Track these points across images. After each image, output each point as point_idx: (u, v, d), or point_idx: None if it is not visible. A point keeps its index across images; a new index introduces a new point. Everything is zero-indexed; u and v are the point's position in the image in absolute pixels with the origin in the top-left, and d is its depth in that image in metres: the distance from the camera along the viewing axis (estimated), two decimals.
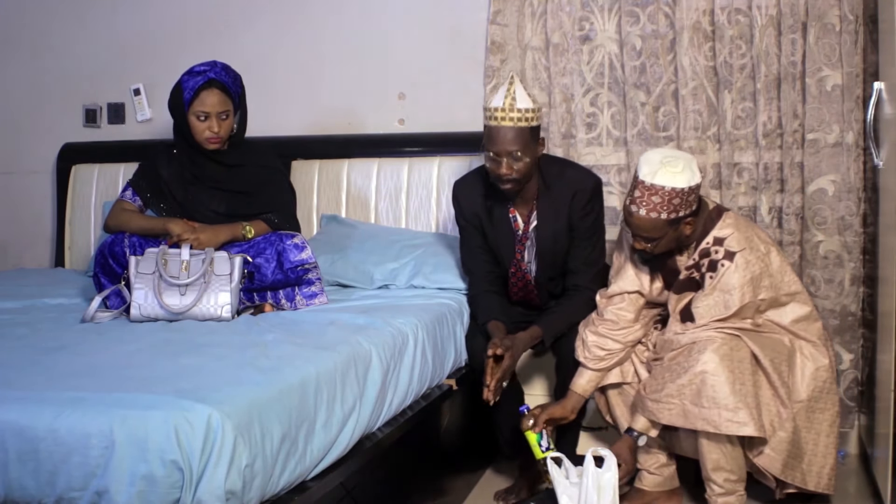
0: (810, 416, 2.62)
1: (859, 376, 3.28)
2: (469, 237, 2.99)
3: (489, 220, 2.93)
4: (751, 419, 2.45)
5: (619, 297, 2.76)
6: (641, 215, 2.56)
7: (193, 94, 2.92)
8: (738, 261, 2.60)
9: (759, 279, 2.61)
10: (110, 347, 2.26)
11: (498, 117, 2.72)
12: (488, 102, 2.77)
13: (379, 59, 3.73)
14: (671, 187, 2.52)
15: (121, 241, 2.83)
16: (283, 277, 2.83)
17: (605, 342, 2.73)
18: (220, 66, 2.98)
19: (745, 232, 2.65)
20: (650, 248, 2.63)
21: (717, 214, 2.68)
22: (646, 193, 2.55)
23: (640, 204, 2.56)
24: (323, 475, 2.05)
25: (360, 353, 2.31)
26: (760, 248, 2.65)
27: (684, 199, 2.54)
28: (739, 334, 2.55)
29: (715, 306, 2.59)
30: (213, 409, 1.72)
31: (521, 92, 2.74)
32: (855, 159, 3.20)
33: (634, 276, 2.75)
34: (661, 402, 2.54)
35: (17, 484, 1.74)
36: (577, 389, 2.76)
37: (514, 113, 2.71)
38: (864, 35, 3.18)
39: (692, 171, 2.57)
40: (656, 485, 2.78)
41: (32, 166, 4.14)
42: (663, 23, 3.36)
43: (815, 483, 2.62)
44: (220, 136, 2.97)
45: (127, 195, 3.07)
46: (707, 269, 2.63)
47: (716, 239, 2.64)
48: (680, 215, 2.57)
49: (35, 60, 4.12)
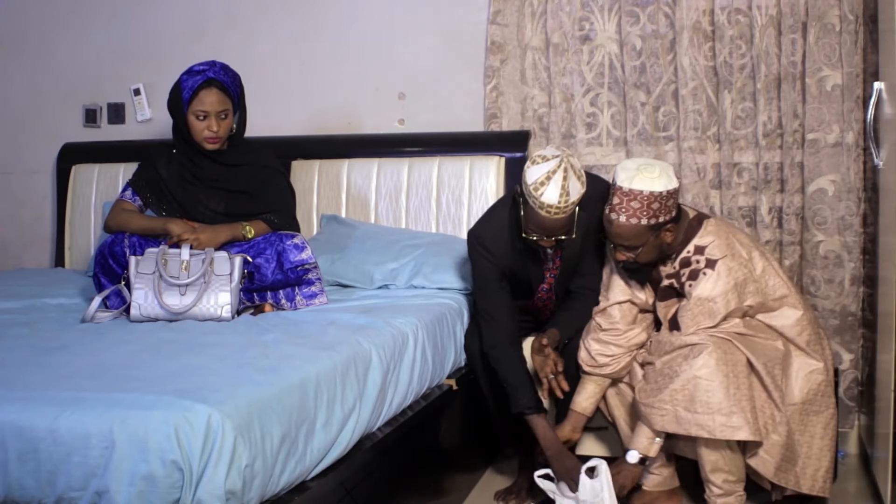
0: (804, 419, 2.62)
1: (859, 376, 3.28)
2: (489, 284, 2.80)
3: (521, 264, 2.81)
4: (745, 423, 2.45)
5: (612, 309, 2.75)
6: (622, 222, 2.54)
7: (192, 94, 2.92)
8: (720, 268, 2.58)
9: (743, 285, 2.60)
10: (110, 347, 2.26)
11: (552, 212, 2.54)
12: (538, 192, 2.52)
13: (379, 59, 3.73)
14: (649, 191, 2.51)
15: (121, 242, 2.83)
16: (282, 277, 2.83)
17: (608, 348, 2.73)
18: (220, 65, 2.98)
19: (727, 239, 2.63)
20: (633, 256, 2.60)
21: (698, 223, 2.67)
22: (624, 199, 2.53)
23: (620, 211, 2.54)
24: (323, 475, 2.05)
25: (360, 353, 2.31)
26: (742, 253, 2.63)
27: (663, 203, 2.53)
28: (732, 339, 2.54)
29: (700, 315, 2.58)
30: (213, 409, 1.73)
31: (574, 185, 2.53)
32: (855, 159, 3.21)
33: (624, 286, 2.75)
34: (654, 407, 2.53)
35: (17, 484, 1.74)
36: (577, 408, 2.76)
37: (568, 207, 2.55)
38: (864, 35, 3.18)
39: (669, 176, 2.56)
40: (656, 485, 2.78)
41: (32, 166, 4.14)
42: (663, 23, 3.36)
43: (810, 486, 2.60)
44: (219, 136, 2.96)
45: (126, 195, 3.06)
46: (687, 277, 2.62)
47: (696, 247, 2.63)
48: (660, 221, 2.55)
49: (35, 60, 4.12)
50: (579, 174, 2.57)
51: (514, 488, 2.96)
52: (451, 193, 3.52)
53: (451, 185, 3.52)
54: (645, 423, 2.58)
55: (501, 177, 3.47)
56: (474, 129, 3.61)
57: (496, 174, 3.47)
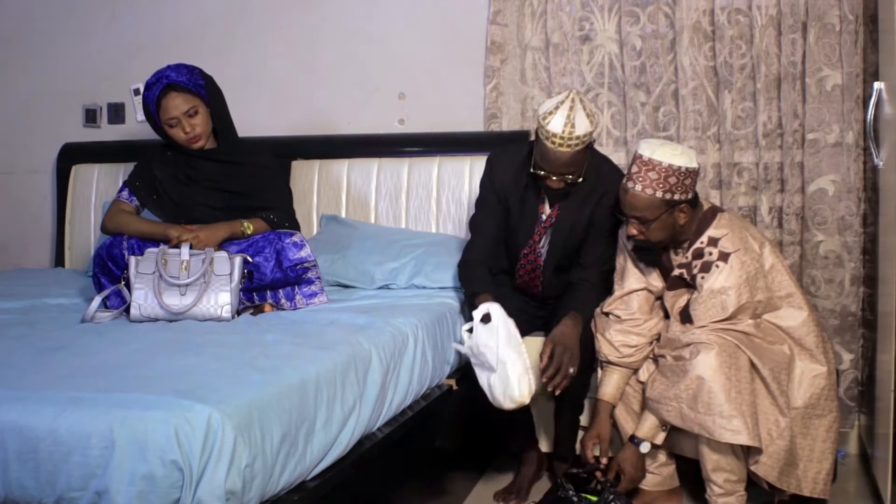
0: (807, 423, 2.62)
1: (859, 376, 3.28)
2: (487, 203, 2.93)
3: (518, 200, 2.88)
4: (745, 428, 2.45)
5: (629, 298, 2.77)
6: (637, 191, 2.58)
7: (157, 106, 2.93)
8: (733, 262, 2.60)
9: (754, 279, 2.61)
10: (110, 347, 2.25)
11: (556, 143, 2.63)
12: (545, 121, 2.63)
13: (379, 59, 3.73)
14: (668, 164, 2.55)
15: (119, 244, 2.82)
16: (282, 276, 2.83)
17: (630, 338, 2.74)
18: (172, 67, 2.96)
19: (740, 232, 2.66)
20: (643, 231, 2.62)
21: (712, 215, 2.69)
22: (643, 169, 2.57)
23: (637, 180, 2.58)
24: (323, 475, 2.05)
25: (360, 353, 2.31)
26: (755, 247, 2.65)
27: (680, 179, 2.56)
28: (738, 343, 2.54)
29: (712, 308, 2.59)
30: (213, 409, 1.72)
31: (581, 118, 2.62)
32: (855, 159, 3.21)
33: (639, 274, 2.77)
34: (661, 402, 2.56)
35: (17, 484, 1.74)
36: (606, 397, 2.76)
37: (572, 140, 2.62)
38: (864, 35, 3.18)
39: (690, 156, 2.60)
40: (656, 484, 2.78)
41: (32, 166, 4.14)
42: (663, 23, 3.37)
43: (811, 489, 2.61)
44: (198, 134, 2.96)
45: (123, 195, 3.06)
46: (700, 269, 2.63)
47: (710, 239, 2.65)
48: (675, 198, 2.57)
49: (35, 60, 4.12)
50: (589, 111, 2.66)
51: (513, 488, 2.96)
52: (451, 193, 3.52)
53: (451, 185, 3.52)
54: (653, 413, 2.60)
55: None
56: (474, 129, 3.61)
57: None
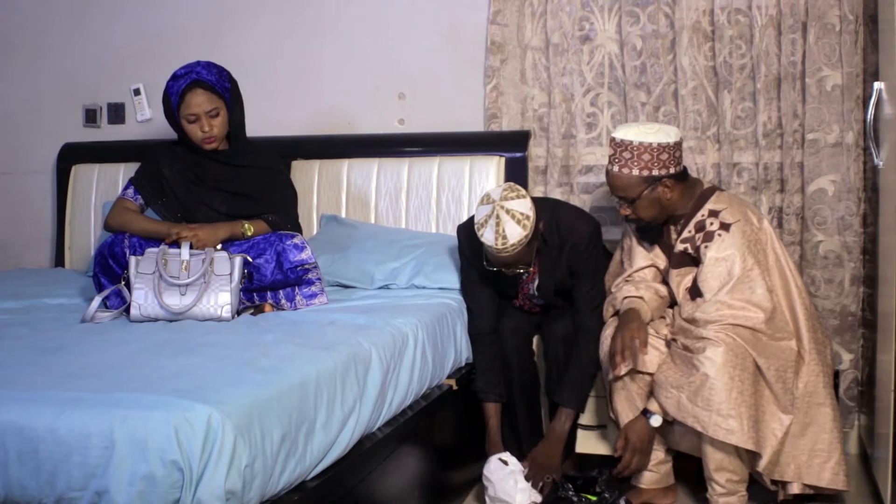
0: (808, 412, 2.63)
1: (859, 376, 3.28)
2: (469, 273, 2.98)
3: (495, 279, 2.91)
4: (740, 429, 2.45)
5: (636, 274, 2.80)
6: (615, 172, 2.68)
7: (179, 99, 2.91)
8: (734, 230, 2.65)
9: (755, 245, 2.66)
10: (110, 347, 2.26)
11: (494, 252, 2.67)
12: (479, 233, 2.66)
13: (379, 59, 3.73)
14: (639, 142, 2.62)
15: (121, 242, 2.82)
16: (282, 277, 2.83)
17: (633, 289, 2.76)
18: (203, 64, 2.95)
19: (739, 206, 2.73)
20: (631, 211, 2.70)
21: (711, 192, 2.76)
22: (617, 150, 2.67)
23: (613, 161, 2.68)
24: (323, 475, 2.05)
25: (360, 353, 2.31)
26: (753, 220, 2.71)
27: (654, 156, 2.61)
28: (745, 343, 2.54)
29: (720, 275, 2.62)
30: (213, 409, 1.72)
31: (510, 227, 2.61)
32: (855, 159, 3.21)
33: (645, 252, 2.82)
34: (663, 388, 2.58)
35: (17, 484, 1.74)
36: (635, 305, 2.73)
37: (507, 249, 2.65)
38: (864, 35, 3.18)
39: (666, 133, 2.65)
40: (653, 482, 2.79)
41: (32, 166, 4.14)
42: (663, 23, 3.37)
43: (818, 478, 2.60)
44: (214, 136, 2.95)
45: (128, 193, 3.06)
46: (703, 240, 2.67)
47: (710, 211, 2.71)
48: (653, 174, 2.63)
49: (35, 61, 4.12)
50: (519, 216, 2.62)
51: None
52: (451, 193, 3.52)
53: (451, 185, 3.52)
54: (654, 397, 2.62)
55: (501, 177, 3.47)
56: (474, 129, 3.61)
57: (496, 174, 3.47)
